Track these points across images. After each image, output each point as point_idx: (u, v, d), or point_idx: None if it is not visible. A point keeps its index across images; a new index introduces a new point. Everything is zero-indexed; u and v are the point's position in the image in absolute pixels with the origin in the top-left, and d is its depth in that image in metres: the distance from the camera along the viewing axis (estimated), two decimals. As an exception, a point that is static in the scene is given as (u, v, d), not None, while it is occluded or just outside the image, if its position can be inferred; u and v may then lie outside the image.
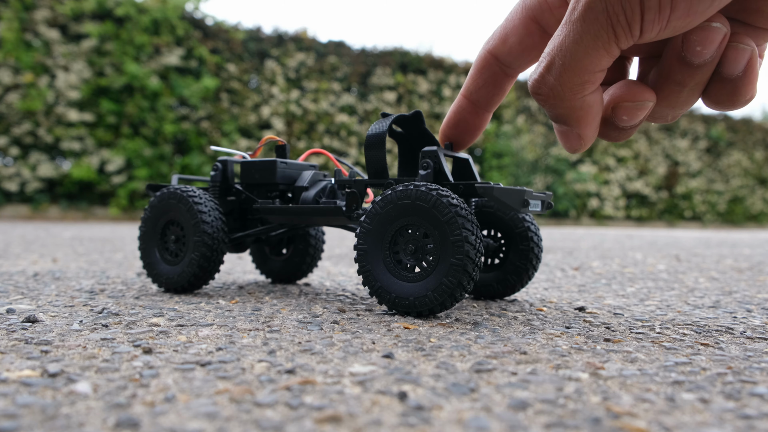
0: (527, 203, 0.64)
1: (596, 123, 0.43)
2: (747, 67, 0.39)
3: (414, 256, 0.64)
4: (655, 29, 0.36)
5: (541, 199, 0.67)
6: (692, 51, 0.38)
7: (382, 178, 0.71)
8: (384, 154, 0.70)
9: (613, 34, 0.37)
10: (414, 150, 0.75)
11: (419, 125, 0.74)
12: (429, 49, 6.43)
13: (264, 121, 5.52)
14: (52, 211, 4.69)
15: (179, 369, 0.42)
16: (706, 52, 0.38)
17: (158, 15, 4.93)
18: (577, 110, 0.42)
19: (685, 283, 1.11)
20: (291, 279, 0.96)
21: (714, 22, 0.37)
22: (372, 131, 0.70)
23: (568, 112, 0.42)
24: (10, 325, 0.57)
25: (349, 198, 0.73)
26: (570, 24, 0.38)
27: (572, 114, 0.42)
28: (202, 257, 0.76)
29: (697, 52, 0.38)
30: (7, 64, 4.48)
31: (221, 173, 0.85)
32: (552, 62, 0.40)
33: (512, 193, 0.63)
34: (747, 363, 0.47)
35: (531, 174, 6.76)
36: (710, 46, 0.38)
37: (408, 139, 0.75)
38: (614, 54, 0.38)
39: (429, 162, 0.67)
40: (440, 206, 0.60)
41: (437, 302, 0.61)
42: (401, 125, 0.74)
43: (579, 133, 0.43)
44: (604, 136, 0.45)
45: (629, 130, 0.44)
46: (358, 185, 0.75)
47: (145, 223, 0.82)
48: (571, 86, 0.40)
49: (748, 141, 8.75)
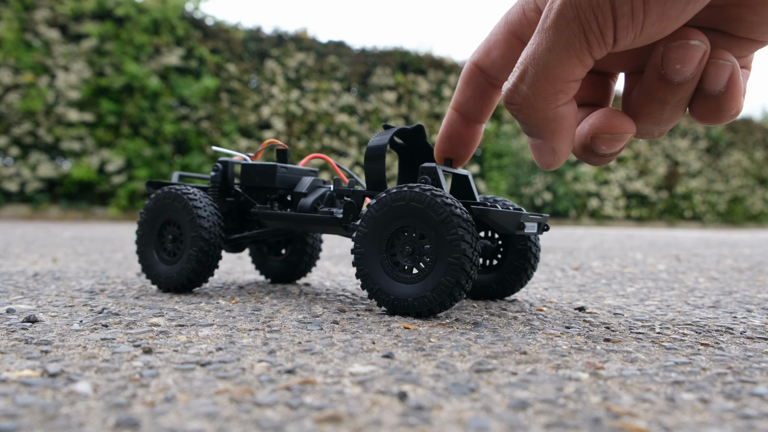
0: (523, 226, 0.65)
1: (570, 137, 0.42)
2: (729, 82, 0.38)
3: (411, 258, 0.64)
4: (629, 36, 0.36)
5: (537, 221, 0.68)
6: (672, 69, 0.38)
7: (381, 190, 0.71)
8: (383, 167, 0.71)
9: (586, 41, 0.36)
10: (414, 163, 0.76)
11: (420, 139, 0.74)
12: (429, 49, 6.43)
13: (264, 121, 5.52)
14: (52, 211, 4.69)
15: (179, 369, 0.42)
16: (686, 70, 0.37)
17: (158, 15, 4.93)
18: (551, 122, 0.41)
19: (685, 283, 1.11)
20: (290, 278, 0.96)
21: (693, 39, 0.37)
22: (372, 143, 0.71)
23: (541, 123, 0.41)
24: (10, 325, 0.57)
25: (346, 208, 0.74)
26: (542, 32, 0.38)
27: (545, 126, 0.41)
28: (200, 251, 0.77)
29: (676, 70, 0.37)
30: (7, 64, 4.48)
31: (221, 174, 0.85)
32: (525, 71, 0.40)
33: (508, 216, 0.63)
34: (747, 363, 0.47)
35: (531, 174, 6.76)
36: (689, 64, 0.37)
37: (409, 152, 0.76)
38: (587, 63, 0.38)
39: (427, 178, 0.67)
40: (435, 206, 0.61)
41: (436, 302, 0.61)
42: (403, 138, 0.75)
43: (553, 147, 0.42)
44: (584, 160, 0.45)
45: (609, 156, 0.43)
46: (357, 196, 0.75)
47: (141, 226, 0.82)
48: (545, 95, 0.39)
49: (748, 141, 8.75)
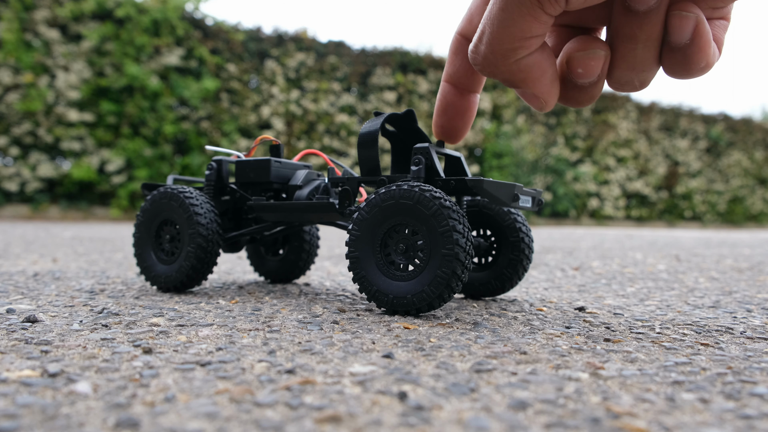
0: (517, 197, 0.65)
1: (545, 80, 0.43)
2: (694, 34, 0.38)
3: (405, 255, 0.64)
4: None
5: (531, 195, 0.68)
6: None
7: (375, 176, 0.71)
8: (377, 153, 0.71)
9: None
10: (407, 148, 0.76)
11: (411, 124, 0.74)
12: (429, 49, 6.43)
13: (264, 121, 5.52)
14: (52, 211, 4.69)
15: (179, 369, 0.42)
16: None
17: (158, 15, 4.93)
18: (517, 73, 0.42)
19: (685, 283, 1.11)
20: (288, 278, 0.96)
21: None
22: (364, 130, 0.71)
23: (508, 76, 0.42)
24: (10, 325, 0.57)
25: (341, 195, 0.74)
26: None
27: (514, 77, 0.42)
28: (198, 248, 0.77)
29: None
30: (7, 65, 4.48)
31: (216, 172, 0.85)
32: (483, 31, 0.41)
33: (503, 187, 0.64)
34: (747, 363, 0.47)
35: (531, 174, 6.76)
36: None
37: (401, 138, 0.76)
38: (543, 19, 0.38)
39: (420, 158, 0.67)
40: (424, 201, 0.61)
41: (435, 295, 0.61)
42: (394, 124, 0.75)
43: (533, 93, 0.43)
44: (567, 100, 0.45)
45: (589, 89, 0.44)
46: (351, 183, 0.75)
47: (138, 228, 0.83)
48: (503, 52, 0.40)
49: (748, 141, 8.75)
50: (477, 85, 0.58)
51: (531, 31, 0.39)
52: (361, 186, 0.76)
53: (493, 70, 0.42)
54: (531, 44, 0.40)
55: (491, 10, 0.39)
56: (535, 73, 0.42)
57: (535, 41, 0.40)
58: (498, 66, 0.41)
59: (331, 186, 0.81)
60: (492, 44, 0.40)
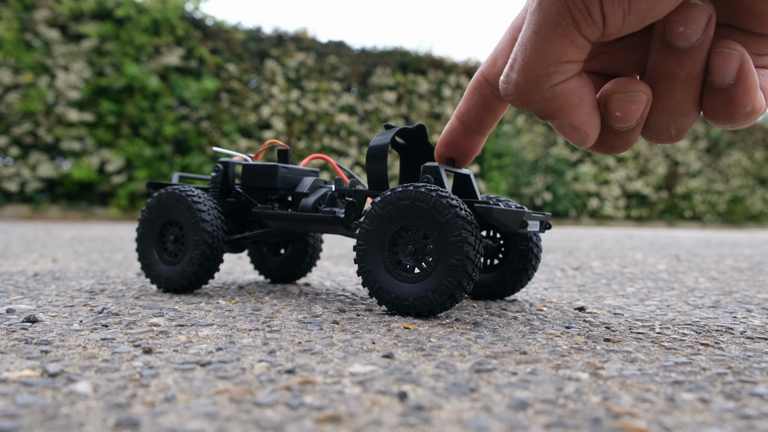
0: (526, 224, 0.65)
1: (584, 109, 0.40)
2: (739, 74, 0.36)
3: (413, 257, 0.64)
4: (618, 13, 0.34)
5: (539, 219, 0.68)
6: (675, 33, 0.36)
7: (382, 190, 0.71)
8: (385, 166, 0.71)
9: (572, 20, 0.35)
10: (416, 163, 0.76)
11: (422, 138, 0.74)
12: (429, 49, 6.43)
13: (264, 121, 5.52)
14: (52, 211, 4.68)
15: (179, 369, 0.42)
16: (690, 33, 0.35)
17: (158, 15, 4.92)
18: (552, 100, 0.39)
19: (685, 283, 1.11)
20: (290, 279, 0.96)
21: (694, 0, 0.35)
22: (374, 143, 0.71)
23: (543, 105, 0.40)
24: (10, 325, 0.57)
25: (348, 208, 0.73)
26: (529, 16, 0.37)
27: (549, 105, 0.39)
28: (203, 255, 0.77)
29: (680, 33, 0.35)
30: (7, 64, 4.48)
31: (222, 174, 0.85)
32: (515, 59, 0.39)
33: (511, 215, 0.64)
34: (747, 363, 0.47)
35: (531, 174, 6.75)
36: (693, 25, 0.35)
37: (410, 152, 0.76)
38: (579, 42, 0.36)
39: (429, 177, 0.67)
40: (440, 207, 0.60)
41: (437, 303, 0.61)
42: (404, 138, 0.75)
43: (571, 124, 0.40)
44: (600, 144, 0.42)
45: (626, 135, 0.41)
46: (358, 195, 0.75)
47: (142, 224, 0.82)
48: (536, 78, 0.38)
49: (748, 141, 8.75)
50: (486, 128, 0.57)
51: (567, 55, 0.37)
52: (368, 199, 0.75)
53: (526, 99, 0.39)
54: (567, 70, 0.38)
55: (524, 36, 0.38)
56: (572, 101, 0.39)
57: (571, 67, 0.38)
58: (531, 94, 0.39)
59: (337, 196, 0.81)
60: (525, 70, 0.38)
